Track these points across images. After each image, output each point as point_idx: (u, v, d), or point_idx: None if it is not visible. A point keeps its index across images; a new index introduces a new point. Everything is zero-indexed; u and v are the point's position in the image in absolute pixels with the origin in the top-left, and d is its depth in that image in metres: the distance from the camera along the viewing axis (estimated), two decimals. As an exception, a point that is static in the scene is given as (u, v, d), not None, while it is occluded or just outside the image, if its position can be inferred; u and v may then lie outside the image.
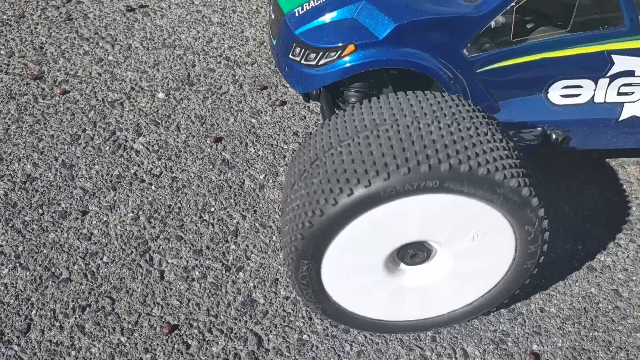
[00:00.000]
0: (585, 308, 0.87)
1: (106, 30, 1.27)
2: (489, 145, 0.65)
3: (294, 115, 1.12)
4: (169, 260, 0.87)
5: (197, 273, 0.86)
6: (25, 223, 0.90)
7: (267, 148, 1.05)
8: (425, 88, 0.88)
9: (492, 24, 0.83)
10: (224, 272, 0.86)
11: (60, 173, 0.98)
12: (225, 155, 1.03)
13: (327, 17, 0.83)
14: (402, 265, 0.74)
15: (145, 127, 1.07)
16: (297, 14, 0.85)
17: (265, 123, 1.10)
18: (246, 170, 1.01)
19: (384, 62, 0.81)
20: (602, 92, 0.90)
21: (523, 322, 0.84)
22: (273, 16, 0.93)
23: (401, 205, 0.64)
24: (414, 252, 0.72)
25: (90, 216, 0.92)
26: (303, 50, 0.84)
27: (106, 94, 1.12)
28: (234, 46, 1.26)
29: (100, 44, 1.24)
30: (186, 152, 1.03)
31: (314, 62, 0.83)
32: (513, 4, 0.82)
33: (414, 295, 0.76)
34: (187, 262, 0.87)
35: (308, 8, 0.85)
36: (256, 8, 1.38)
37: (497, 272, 0.74)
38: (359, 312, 0.77)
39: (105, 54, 1.21)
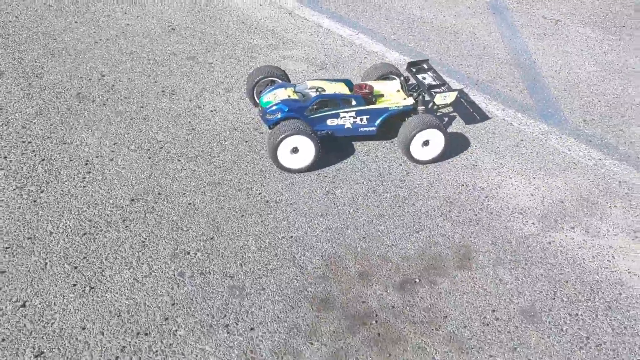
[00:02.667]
0: (336, 174, 3.67)
1: (206, 117, 4.08)
2: (305, 126, 3.47)
3: (263, 128, 3.93)
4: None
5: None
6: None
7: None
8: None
9: (310, 106, 3.69)
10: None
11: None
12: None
13: (274, 107, 3.64)
14: (293, 154, 3.52)
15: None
16: (267, 108, 3.67)
17: (259, 133, 3.90)
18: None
19: (286, 117, 3.63)
20: (339, 121, 3.76)
21: (326, 175, 3.64)
22: (260, 108, 3.75)
23: (289, 139, 3.45)
24: (294, 150, 3.51)
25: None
26: (270, 115, 3.65)
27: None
28: (241, 116, 4.07)
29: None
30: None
31: (271, 117, 3.64)
32: (314, 104, 3.67)
33: (298, 160, 3.53)
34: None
35: (269, 107, 3.66)
36: (248, 106, 4.21)
37: (312, 153, 3.54)
38: (288, 166, 3.53)
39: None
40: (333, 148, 3.71)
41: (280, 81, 3.95)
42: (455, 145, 3.72)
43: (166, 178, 3.40)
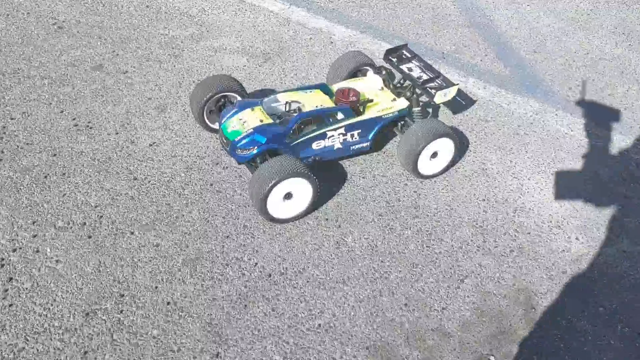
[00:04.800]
0: (338, 204, 2.85)
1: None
2: (296, 165, 2.58)
3: (236, 170, 2.98)
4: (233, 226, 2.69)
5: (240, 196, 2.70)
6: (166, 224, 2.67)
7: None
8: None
9: (291, 131, 2.79)
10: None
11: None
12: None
13: (245, 141, 2.71)
14: (286, 200, 2.64)
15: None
16: (236, 140, 2.72)
17: (222, 177, 2.95)
18: (232, 198, 2.86)
19: (264, 150, 2.71)
20: (326, 142, 2.90)
21: (323, 211, 2.80)
22: (225, 140, 2.79)
23: (280, 185, 2.55)
24: (287, 195, 2.63)
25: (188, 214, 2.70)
26: (241, 150, 2.71)
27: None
28: (198, 151, 3.09)
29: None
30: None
31: (245, 153, 2.71)
32: (295, 126, 2.78)
33: (291, 207, 2.67)
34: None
35: (239, 138, 2.72)
36: (198, 133, 3.21)
37: (308, 196, 2.68)
38: (277, 216, 2.66)
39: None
40: (318, 174, 2.87)
41: (238, 97, 2.99)
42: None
43: (123, 266, 2.41)
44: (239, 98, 2.99)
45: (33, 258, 2.41)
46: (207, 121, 2.88)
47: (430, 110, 3.48)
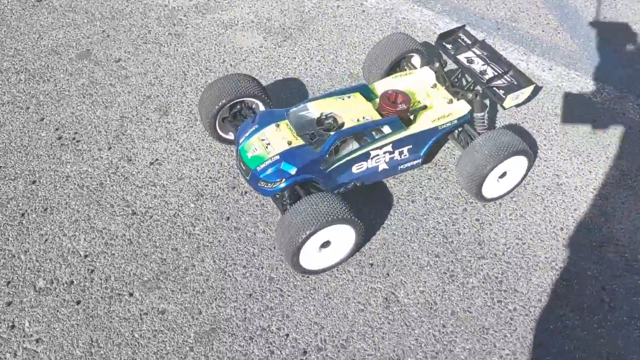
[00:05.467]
0: (384, 242, 2.29)
1: (147, 179, 2.45)
2: (339, 208, 2.01)
3: (253, 195, 2.41)
4: (235, 273, 2.15)
5: (248, 274, 2.15)
6: (174, 277, 2.13)
7: (249, 216, 2.34)
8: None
9: (327, 155, 2.18)
10: (257, 270, 2.17)
11: (173, 253, 2.20)
12: (233, 224, 2.31)
13: (270, 171, 2.12)
14: (322, 248, 2.09)
15: (194, 222, 2.30)
16: (258, 170, 2.13)
17: (243, 205, 2.37)
18: (245, 228, 2.29)
19: (294, 182, 2.13)
20: (370, 163, 2.30)
21: (364, 253, 2.24)
22: (244, 168, 2.20)
23: (318, 234, 1.99)
24: (325, 244, 2.07)
25: (197, 266, 2.16)
26: (265, 183, 2.13)
27: (169, 212, 2.33)
28: (210, 169, 2.50)
29: (149, 187, 2.42)
30: (217, 228, 2.29)
31: (270, 186, 2.13)
32: (332, 148, 2.17)
33: (327, 257, 2.12)
34: (242, 271, 2.16)
35: (262, 167, 2.13)
36: (210, 144, 2.60)
37: (350, 243, 2.12)
38: (311, 268, 2.11)
39: (155, 192, 2.40)
40: (357, 198, 2.29)
41: (260, 105, 2.37)
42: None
43: (121, 345, 1.90)
44: (258, 103, 2.37)
45: (8, 337, 1.89)
46: (219, 131, 2.28)
47: (487, 102, 2.83)
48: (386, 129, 2.15)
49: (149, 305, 1.92)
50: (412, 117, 2.28)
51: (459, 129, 2.40)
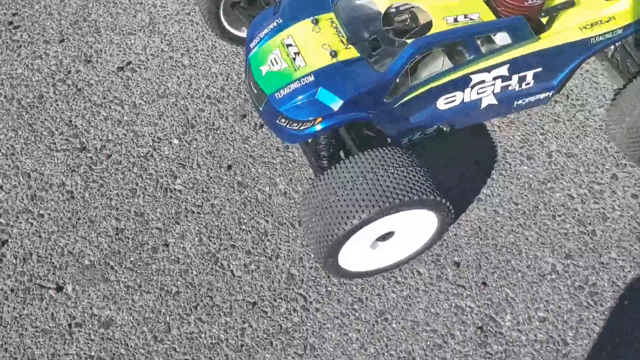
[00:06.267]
0: (479, 227, 1.39)
1: (111, 93, 1.57)
2: (418, 182, 1.10)
3: (271, 135, 1.52)
4: (233, 263, 1.31)
5: (253, 266, 1.30)
6: (133, 262, 1.30)
7: (263, 165, 1.46)
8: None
9: (398, 78, 1.24)
10: (268, 261, 1.31)
11: (137, 220, 1.36)
12: (238, 178, 1.44)
13: (299, 100, 1.21)
14: (378, 242, 1.21)
15: (176, 170, 1.44)
16: (277, 97, 1.23)
17: (255, 146, 1.49)
18: (255, 186, 1.42)
19: (340, 123, 1.22)
20: (468, 95, 1.36)
21: (446, 244, 1.35)
22: (255, 91, 1.29)
23: (379, 222, 1.10)
24: (384, 236, 1.19)
25: (171, 246, 1.32)
26: (287, 120, 1.23)
27: (138, 150, 1.47)
28: (209, 84, 1.60)
29: (112, 106, 1.55)
30: (212, 182, 1.42)
31: (297, 128, 1.23)
32: (408, 67, 1.23)
33: (384, 253, 1.24)
34: (244, 260, 1.31)
35: (285, 93, 1.22)
36: (212, 44, 1.69)
37: (427, 234, 1.23)
38: (356, 270, 1.25)
39: (120, 116, 1.53)
40: (430, 145, 1.38)
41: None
42: None
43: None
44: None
45: None
46: (224, 24, 1.37)
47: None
48: (500, 39, 1.15)
49: (86, 311, 1.10)
50: (546, 20, 1.28)
51: (616, 45, 1.41)
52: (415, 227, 1.20)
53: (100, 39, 1.68)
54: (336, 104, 1.20)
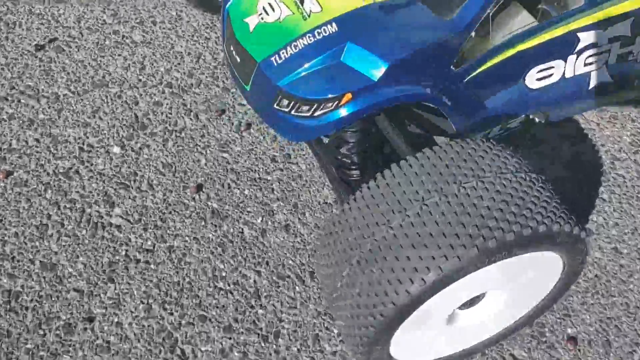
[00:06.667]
0: (596, 275, 0.87)
1: (23, 82, 1.05)
2: (540, 201, 0.59)
3: (264, 137, 1.00)
4: (202, 348, 0.77)
5: (235, 353, 0.77)
6: (31, 352, 0.76)
7: (252, 184, 0.94)
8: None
9: (471, 34, 0.74)
10: (262, 343, 0.78)
11: (44, 277, 0.83)
12: (212, 204, 0.91)
13: (312, 65, 0.70)
14: (458, 311, 0.69)
15: (114, 193, 0.91)
16: (274, 63, 0.72)
17: (238, 155, 0.97)
18: (240, 216, 0.90)
19: (383, 103, 0.71)
20: (572, 67, 0.86)
21: (552, 308, 0.83)
22: (238, 59, 0.78)
23: (470, 277, 0.58)
24: (470, 300, 0.67)
25: (99, 321, 0.79)
26: (292, 102, 0.72)
27: (55, 165, 0.94)
28: (171, 67, 1.09)
29: (23, 100, 1.03)
30: (170, 212, 0.90)
31: (308, 114, 0.72)
32: (489, 10, 0.73)
33: (467, 330, 0.72)
34: (222, 343, 0.78)
35: (287, 56, 0.72)
36: (177, 13, 1.18)
37: (543, 292, 0.71)
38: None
39: (34, 113, 1.01)
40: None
41: None
42: None
43: None
44: None
45: None
46: None
47: None
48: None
49: None
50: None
51: None
52: (524, 280, 0.67)
53: (16, 9, 1.17)
54: (376, 71, 0.69)
